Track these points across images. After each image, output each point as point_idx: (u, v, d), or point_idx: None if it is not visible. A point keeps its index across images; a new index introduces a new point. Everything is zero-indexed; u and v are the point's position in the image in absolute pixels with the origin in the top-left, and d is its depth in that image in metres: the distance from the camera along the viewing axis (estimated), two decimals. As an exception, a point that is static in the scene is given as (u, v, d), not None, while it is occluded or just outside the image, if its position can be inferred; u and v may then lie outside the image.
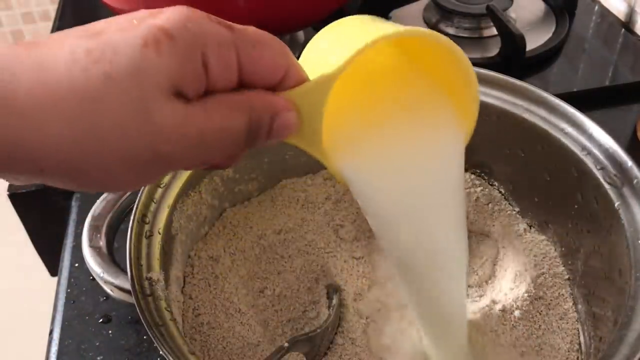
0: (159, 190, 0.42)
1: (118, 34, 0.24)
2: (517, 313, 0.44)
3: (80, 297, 0.48)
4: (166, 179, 0.43)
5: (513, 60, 0.65)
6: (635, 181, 0.40)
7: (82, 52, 0.23)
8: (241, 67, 0.27)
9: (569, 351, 0.43)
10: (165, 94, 0.24)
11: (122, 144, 0.24)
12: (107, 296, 0.47)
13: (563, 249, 0.47)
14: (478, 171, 0.53)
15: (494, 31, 0.68)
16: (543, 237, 0.49)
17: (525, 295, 0.45)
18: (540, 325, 0.44)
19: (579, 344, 0.43)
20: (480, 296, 0.46)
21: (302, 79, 0.29)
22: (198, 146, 0.26)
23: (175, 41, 0.24)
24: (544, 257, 0.47)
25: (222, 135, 0.27)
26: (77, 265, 0.50)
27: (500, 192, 0.52)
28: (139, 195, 0.41)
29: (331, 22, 0.34)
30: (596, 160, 0.42)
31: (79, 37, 0.24)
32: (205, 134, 0.26)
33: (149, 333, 0.34)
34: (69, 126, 0.23)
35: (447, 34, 0.71)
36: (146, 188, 0.41)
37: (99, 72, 0.23)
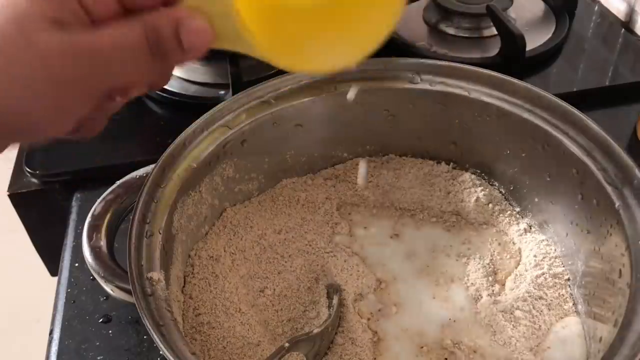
0: (160, 190, 0.42)
1: None
2: (517, 313, 0.44)
3: (80, 297, 0.48)
4: (167, 178, 0.43)
5: (513, 60, 0.65)
6: (635, 182, 0.40)
7: None
8: None
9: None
10: (45, 27, 0.26)
11: (14, 70, 0.27)
12: (107, 296, 0.47)
13: (563, 249, 0.47)
14: (478, 171, 0.53)
15: (494, 31, 0.67)
16: (543, 237, 0.49)
17: (526, 295, 0.45)
18: (540, 326, 0.44)
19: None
20: (481, 296, 0.46)
21: None
22: (95, 64, 0.28)
23: None
24: (544, 257, 0.47)
25: (119, 52, 0.28)
26: (77, 265, 0.50)
27: (500, 192, 0.52)
28: (139, 194, 0.41)
29: None
30: (596, 160, 0.42)
31: None
32: (97, 50, 0.28)
33: (150, 333, 0.34)
34: None
35: (447, 34, 0.71)
36: (146, 187, 0.41)
37: None
